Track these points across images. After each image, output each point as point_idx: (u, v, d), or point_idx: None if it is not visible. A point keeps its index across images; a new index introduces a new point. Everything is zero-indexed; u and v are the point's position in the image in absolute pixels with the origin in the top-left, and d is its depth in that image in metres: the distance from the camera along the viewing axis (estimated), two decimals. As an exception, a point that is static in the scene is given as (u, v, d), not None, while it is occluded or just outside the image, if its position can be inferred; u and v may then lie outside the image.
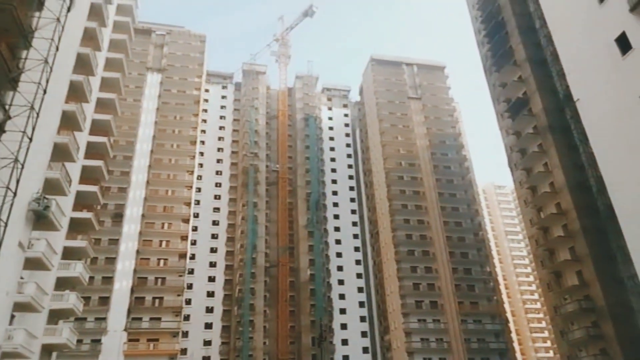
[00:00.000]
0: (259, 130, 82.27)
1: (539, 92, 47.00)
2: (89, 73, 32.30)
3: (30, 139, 20.52)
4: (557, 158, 44.36)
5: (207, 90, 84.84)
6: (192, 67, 78.84)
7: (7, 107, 20.42)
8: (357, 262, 77.74)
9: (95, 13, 34.32)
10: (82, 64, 31.39)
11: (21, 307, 25.30)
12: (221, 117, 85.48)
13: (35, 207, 23.86)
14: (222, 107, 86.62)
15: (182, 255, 65.19)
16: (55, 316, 32.65)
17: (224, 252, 73.45)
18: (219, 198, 77.82)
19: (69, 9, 24.21)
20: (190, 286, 67.30)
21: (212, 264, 72.34)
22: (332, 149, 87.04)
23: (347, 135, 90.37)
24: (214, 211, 76.49)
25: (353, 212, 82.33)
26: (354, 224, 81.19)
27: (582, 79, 30.54)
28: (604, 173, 28.27)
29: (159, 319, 60.37)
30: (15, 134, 20.10)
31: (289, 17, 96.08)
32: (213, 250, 73.47)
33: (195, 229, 72.14)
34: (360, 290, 75.52)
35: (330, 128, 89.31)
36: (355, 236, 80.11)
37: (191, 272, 68.34)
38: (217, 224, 75.49)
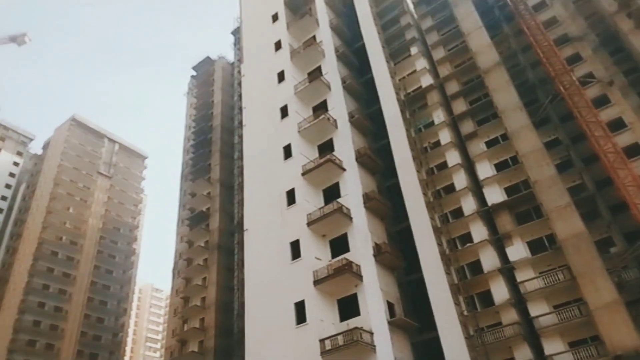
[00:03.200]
0: None
1: (219, 212, 51.29)
2: None
3: None
4: (215, 275, 47.57)
5: None
6: None
7: None
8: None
9: None
10: None
11: None
12: None
13: None
14: None
15: None
16: None
17: None
18: None
19: None
20: None
21: None
22: (-28, 196, 70.43)
23: (8, 187, 75.46)
24: None
25: (-26, 279, 65.61)
26: (-31, 294, 64.23)
27: (255, 214, 35.16)
28: (247, 300, 31.77)
29: None
30: None
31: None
32: None
33: None
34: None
35: (-12, 172, 73.28)
36: (-36, 311, 62.85)
37: None
38: None
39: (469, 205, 30.56)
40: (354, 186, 31.01)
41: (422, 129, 35.64)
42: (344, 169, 31.79)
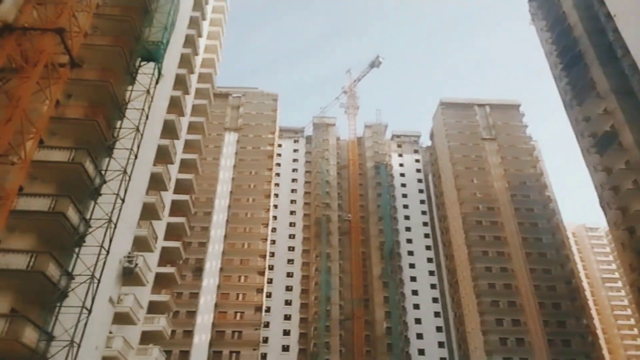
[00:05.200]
0: (330, 181, 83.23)
1: (628, 125, 43.58)
2: (174, 137, 34.80)
3: (123, 201, 22.03)
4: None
5: (280, 145, 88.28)
6: (266, 124, 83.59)
7: (103, 172, 22.23)
8: (437, 314, 73.69)
9: (180, 82, 37.32)
10: (169, 130, 33.98)
11: (110, 361, 26.31)
12: (293, 170, 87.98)
13: (127, 264, 25.24)
14: (295, 160, 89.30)
15: (258, 308, 65.76)
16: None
17: (299, 304, 72.92)
18: (293, 250, 78.48)
19: (157, 81, 26.48)
20: (265, 340, 67.13)
21: (287, 317, 71.71)
22: (404, 195, 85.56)
23: (420, 181, 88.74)
24: (288, 263, 76.99)
25: (429, 260, 79.20)
26: (431, 272, 77.80)
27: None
28: None
29: (236, 374, 60.57)
30: (109, 197, 21.71)
31: (356, 69, 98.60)
32: (287, 302, 73.12)
33: (270, 281, 72.80)
34: (440, 345, 70.91)
35: (402, 175, 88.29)
36: (433, 286, 76.48)
37: (267, 325, 68.42)
38: (292, 276, 75.66)
39: None
40: None
41: None
42: None
